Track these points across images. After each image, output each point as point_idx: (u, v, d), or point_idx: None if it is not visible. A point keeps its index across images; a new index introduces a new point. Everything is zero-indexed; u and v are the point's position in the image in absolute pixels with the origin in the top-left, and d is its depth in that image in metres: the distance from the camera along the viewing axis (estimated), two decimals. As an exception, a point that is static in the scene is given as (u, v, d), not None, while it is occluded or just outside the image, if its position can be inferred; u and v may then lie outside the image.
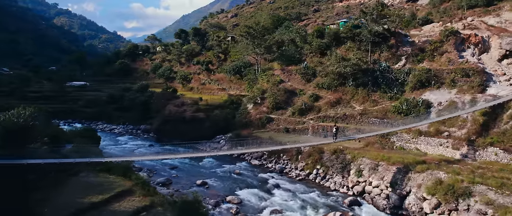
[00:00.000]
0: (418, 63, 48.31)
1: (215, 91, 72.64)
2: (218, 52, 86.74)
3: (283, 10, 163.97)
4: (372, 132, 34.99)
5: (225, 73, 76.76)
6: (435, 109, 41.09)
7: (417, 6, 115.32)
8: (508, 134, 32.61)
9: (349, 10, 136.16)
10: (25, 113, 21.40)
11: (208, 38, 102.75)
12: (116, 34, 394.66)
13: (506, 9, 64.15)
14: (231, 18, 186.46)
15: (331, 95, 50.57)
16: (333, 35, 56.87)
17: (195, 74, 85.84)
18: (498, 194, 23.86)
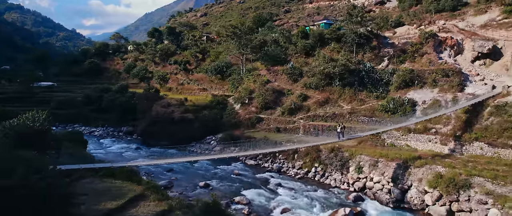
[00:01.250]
0: (400, 64, 51.00)
1: (196, 91, 71.77)
2: (196, 51, 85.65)
3: (253, 10, 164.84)
4: (371, 130, 36.31)
5: (204, 73, 76.14)
6: (420, 107, 43.65)
7: (384, 8, 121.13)
8: (489, 130, 35.46)
9: (320, 11, 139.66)
10: (40, 116, 20.12)
11: (183, 37, 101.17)
12: (75, 32, 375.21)
13: (470, 14, 69.28)
14: (200, 17, 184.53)
15: (319, 94, 51.94)
16: (318, 36, 58.37)
17: (172, 74, 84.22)
18: (495, 184, 26.01)
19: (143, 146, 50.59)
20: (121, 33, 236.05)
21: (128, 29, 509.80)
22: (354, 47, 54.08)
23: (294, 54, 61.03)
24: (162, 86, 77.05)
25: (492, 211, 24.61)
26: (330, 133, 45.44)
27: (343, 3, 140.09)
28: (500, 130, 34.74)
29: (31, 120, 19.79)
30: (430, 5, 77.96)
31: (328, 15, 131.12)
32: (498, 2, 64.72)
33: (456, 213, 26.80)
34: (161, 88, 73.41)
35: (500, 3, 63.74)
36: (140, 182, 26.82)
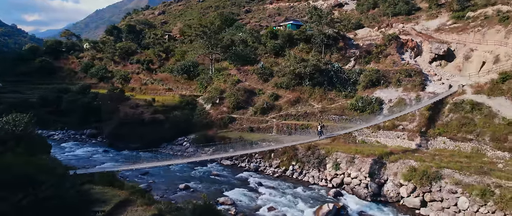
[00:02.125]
0: (366, 64, 53.58)
1: (161, 92, 69.75)
2: (159, 50, 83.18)
3: (214, 9, 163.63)
4: (348, 129, 37.72)
5: (169, 72, 74.35)
6: (386, 105, 46.20)
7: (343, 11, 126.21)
8: (450, 125, 38.56)
9: (281, 12, 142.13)
10: (22, 120, 18.52)
11: (144, 36, 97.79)
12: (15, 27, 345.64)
13: (423, 18, 74.65)
14: (158, 15, 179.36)
15: (290, 94, 52.95)
16: (287, 36, 59.44)
17: (134, 73, 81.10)
18: (462, 175, 28.37)
19: (111, 149, 48.21)
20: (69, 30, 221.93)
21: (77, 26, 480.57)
22: (323, 48, 55.83)
23: (263, 54, 61.62)
24: (124, 86, 73.92)
25: (462, 199, 26.84)
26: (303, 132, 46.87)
27: (303, 5, 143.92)
28: (459, 125, 37.91)
29: (12, 124, 18.13)
30: (387, 9, 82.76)
31: (289, 16, 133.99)
32: (447, 8, 70.52)
33: (429, 203, 28.87)
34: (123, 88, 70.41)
35: (449, 9, 69.50)
36: (122, 186, 25.62)
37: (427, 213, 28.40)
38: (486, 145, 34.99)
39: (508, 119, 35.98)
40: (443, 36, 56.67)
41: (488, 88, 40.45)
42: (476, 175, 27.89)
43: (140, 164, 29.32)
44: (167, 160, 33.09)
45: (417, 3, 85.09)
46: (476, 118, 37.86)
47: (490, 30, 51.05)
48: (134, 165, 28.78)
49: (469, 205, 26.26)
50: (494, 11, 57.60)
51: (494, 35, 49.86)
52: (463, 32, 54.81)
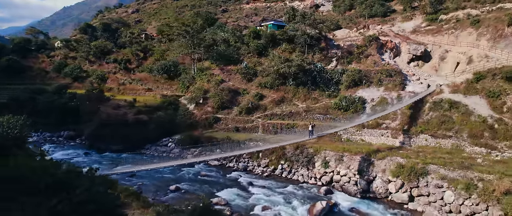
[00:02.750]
0: (348, 64, 54.90)
1: (141, 92, 68.13)
2: (137, 50, 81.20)
3: (189, 9, 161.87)
4: (337, 127, 38.44)
5: (148, 72, 72.83)
6: (369, 104, 47.57)
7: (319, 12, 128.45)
8: (430, 123, 40.33)
9: (258, 12, 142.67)
10: (17, 122, 17.53)
11: (120, 34, 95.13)
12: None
13: (398, 20, 77.45)
14: (132, 13, 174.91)
15: (274, 94, 53.33)
16: (270, 36, 59.80)
17: (111, 73, 78.74)
18: (447, 170, 29.76)
19: (92, 151, 46.60)
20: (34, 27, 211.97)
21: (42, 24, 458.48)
22: (306, 48, 56.65)
23: (246, 54, 61.66)
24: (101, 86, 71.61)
25: (447, 193, 28.18)
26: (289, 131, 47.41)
27: (279, 5, 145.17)
28: (439, 123, 39.75)
29: (7, 126, 17.11)
30: (363, 11, 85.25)
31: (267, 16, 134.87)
32: (421, 11, 73.56)
33: (416, 198, 30.10)
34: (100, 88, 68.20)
35: (423, 12, 72.55)
36: (116, 189, 24.90)
37: (415, 208, 29.59)
38: (464, 142, 36.91)
39: (483, 117, 38.13)
40: (419, 37, 59.11)
41: (464, 87, 42.61)
42: (460, 170, 29.35)
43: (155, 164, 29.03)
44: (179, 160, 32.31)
45: (392, 5, 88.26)
46: (454, 116, 39.81)
47: (462, 32, 53.80)
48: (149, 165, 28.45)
49: (455, 198, 27.61)
50: (465, 14, 60.73)
51: (466, 37, 52.59)
52: (438, 34, 57.41)
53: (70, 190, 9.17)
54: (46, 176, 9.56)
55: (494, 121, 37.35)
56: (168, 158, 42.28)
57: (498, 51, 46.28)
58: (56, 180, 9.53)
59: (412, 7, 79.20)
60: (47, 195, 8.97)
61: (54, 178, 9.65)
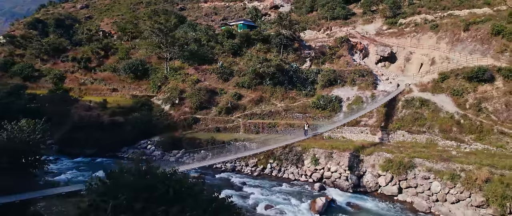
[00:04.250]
0: (322, 65, 56.84)
1: (106, 92, 64.41)
2: (98, 48, 76.47)
3: (144, 6, 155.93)
4: (329, 126, 39.41)
5: (112, 71, 69.17)
6: (345, 103, 49.75)
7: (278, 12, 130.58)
8: (405, 120, 43.34)
9: (217, 11, 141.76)
10: (37, 126, 15.85)
11: (75, 31, 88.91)
12: None
13: (360, 23, 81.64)
14: (80, 9, 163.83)
15: (252, 93, 53.57)
16: (245, 36, 59.84)
17: (68, 72, 73.38)
18: (431, 162, 32.26)
19: (62, 156, 43.17)
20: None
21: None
22: (281, 48, 57.62)
23: (221, 53, 61.08)
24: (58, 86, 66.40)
25: (434, 183, 30.60)
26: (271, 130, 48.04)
27: (239, 5, 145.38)
28: (412, 120, 42.87)
29: (28, 130, 15.42)
30: (326, 13, 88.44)
31: (227, 16, 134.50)
32: (381, 15, 78.31)
33: (404, 189, 32.27)
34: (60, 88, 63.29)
35: (382, 16, 77.30)
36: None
37: (404, 199, 31.73)
38: (436, 136, 40.22)
39: (450, 113, 41.84)
40: (384, 40, 62.99)
41: (431, 86, 46.38)
42: (442, 162, 31.96)
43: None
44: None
45: (352, 8, 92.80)
46: (425, 113, 43.20)
47: (424, 35, 58.43)
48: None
49: (441, 188, 30.07)
50: (422, 19, 65.98)
51: (427, 40, 57.22)
52: (401, 37, 61.68)
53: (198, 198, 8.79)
54: (176, 184, 9.14)
55: (460, 117, 41.15)
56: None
57: (456, 53, 51.04)
58: (182, 188, 9.15)
59: (371, 10, 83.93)
60: (173, 202, 8.51)
61: (180, 186, 9.23)
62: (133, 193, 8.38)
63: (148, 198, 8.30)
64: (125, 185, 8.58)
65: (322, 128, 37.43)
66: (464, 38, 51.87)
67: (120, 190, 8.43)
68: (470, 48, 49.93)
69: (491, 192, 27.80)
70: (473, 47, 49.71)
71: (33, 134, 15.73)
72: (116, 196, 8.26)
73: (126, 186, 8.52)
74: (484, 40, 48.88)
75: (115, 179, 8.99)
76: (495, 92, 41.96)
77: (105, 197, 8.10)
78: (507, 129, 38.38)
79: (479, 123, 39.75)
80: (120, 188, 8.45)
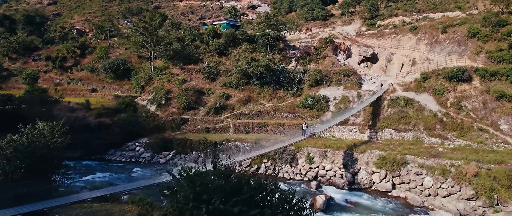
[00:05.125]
0: (307, 65, 57.69)
1: (85, 93, 62.04)
2: (73, 46, 73.29)
3: (117, 4, 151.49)
4: (325, 126, 39.82)
5: (90, 71, 66.77)
6: (332, 102, 50.82)
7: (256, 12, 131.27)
8: (391, 118, 44.94)
9: (194, 10, 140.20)
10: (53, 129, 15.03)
11: (46, 29, 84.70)
12: None
13: (339, 23, 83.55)
14: (48, 5, 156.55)
15: (240, 93, 53.51)
16: (231, 36, 59.56)
17: (42, 72, 69.94)
18: (423, 159, 33.72)
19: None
20: None
21: None
22: (268, 48, 57.91)
23: (206, 53, 60.45)
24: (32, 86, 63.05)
25: (427, 179, 32.05)
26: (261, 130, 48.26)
27: (215, 4, 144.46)
28: (398, 118, 44.54)
29: (49, 134, 14.59)
30: (305, 14, 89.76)
31: (204, 15, 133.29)
32: (359, 16, 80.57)
33: (398, 185, 33.54)
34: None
35: (361, 17, 79.56)
36: (133, 201, 22.78)
37: (398, 194, 32.95)
38: (422, 134, 42.03)
39: (433, 112, 43.86)
40: (365, 40, 64.91)
41: (414, 86, 48.39)
42: (433, 158, 33.52)
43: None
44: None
45: (330, 10, 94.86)
46: (410, 111, 45.01)
47: (403, 37, 60.79)
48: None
49: (433, 183, 31.55)
50: (400, 21, 68.61)
51: (407, 41, 59.61)
52: (382, 38, 63.83)
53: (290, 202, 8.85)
54: (261, 188, 9.05)
55: (442, 115, 43.22)
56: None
57: (435, 54, 53.56)
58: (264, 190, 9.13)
59: (349, 12, 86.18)
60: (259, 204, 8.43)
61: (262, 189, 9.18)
62: (224, 197, 8.25)
63: (236, 201, 8.20)
64: (216, 188, 8.41)
65: (318, 128, 37.91)
66: (442, 40, 54.54)
67: (211, 194, 8.27)
68: (448, 50, 52.58)
69: (480, 185, 29.52)
70: (451, 48, 52.39)
71: (53, 138, 14.91)
72: (209, 200, 8.07)
73: (217, 190, 8.35)
74: (461, 42, 51.67)
75: (203, 182, 8.79)
76: (473, 91, 44.42)
77: (193, 202, 7.89)
78: (485, 126, 40.77)
79: (460, 120, 41.93)
80: (211, 192, 8.29)
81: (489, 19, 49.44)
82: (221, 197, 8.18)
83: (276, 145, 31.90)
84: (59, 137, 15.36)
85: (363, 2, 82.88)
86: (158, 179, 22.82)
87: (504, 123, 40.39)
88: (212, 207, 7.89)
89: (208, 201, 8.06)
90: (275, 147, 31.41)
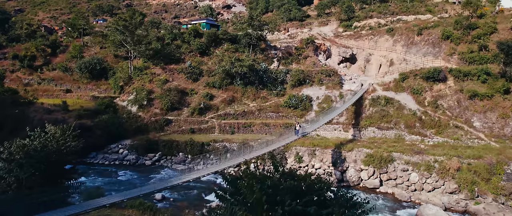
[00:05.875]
0: (289, 65, 58.32)
1: (58, 94, 59.23)
2: (43, 44, 69.62)
3: (87, 1, 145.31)
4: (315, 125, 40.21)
5: (63, 71, 63.88)
6: (315, 102, 51.72)
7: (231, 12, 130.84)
8: (373, 117, 46.43)
9: (167, 9, 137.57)
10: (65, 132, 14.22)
11: (11, 25, 79.89)
12: None
13: (315, 24, 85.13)
14: (8, 0, 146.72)
15: (224, 93, 53.20)
16: (213, 35, 59.00)
17: (8, 71, 65.90)
18: (408, 156, 35.20)
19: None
20: None
21: None
22: (251, 48, 57.93)
23: (188, 53, 59.49)
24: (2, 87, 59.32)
25: (413, 174, 33.50)
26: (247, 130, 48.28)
27: (189, 3, 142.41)
28: (380, 117, 46.11)
29: (62, 138, 13.77)
30: (282, 14, 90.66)
31: (178, 14, 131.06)
32: (336, 17, 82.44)
33: (385, 182, 34.79)
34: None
35: (337, 18, 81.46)
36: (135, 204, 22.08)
37: (386, 190, 34.18)
38: (403, 132, 43.78)
39: (412, 110, 45.79)
40: (343, 41, 66.60)
41: (393, 86, 50.31)
42: (417, 155, 35.08)
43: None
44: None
45: (306, 10, 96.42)
46: (390, 110, 46.73)
47: (380, 38, 62.97)
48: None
49: (419, 178, 33.03)
50: (376, 23, 71.00)
51: (384, 43, 61.80)
52: (359, 39, 65.75)
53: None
54: (327, 188, 9.08)
55: (421, 114, 45.24)
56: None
57: (412, 55, 55.96)
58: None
59: (326, 13, 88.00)
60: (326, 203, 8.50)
61: (327, 189, 9.24)
62: (295, 197, 8.20)
63: (307, 202, 8.19)
64: (287, 189, 8.32)
65: (310, 128, 38.35)
66: (418, 42, 57.08)
67: (283, 195, 8.17)
68: (423, 51, 55.11)
69: (462, 179, 31.32)
70: (426, 49, 54.95)
71: (66, 141, 14.07)
72: (282, 201, 7.96)
73: (287, 190, 8.27)
74: (435, 43, 54.34)
75: (275, 183, 8.68)
76: (448, 90, 46.85)
77: (267, 204, 7.77)
78: (460, 124, 43.14)
79: (437, 118, 44.08)
80: (283, 193, 8.19)
81: (461, 22, 52.38)
82: (291, 197, 8.18)
83: (274, 145, 32.12)
84: (72, 141, 14.53)
85: (339, 4, 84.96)
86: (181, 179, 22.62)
87: (477, 121, 42.92)
88: (288, 208, 7.87)
89: (282, 202, 8.03)
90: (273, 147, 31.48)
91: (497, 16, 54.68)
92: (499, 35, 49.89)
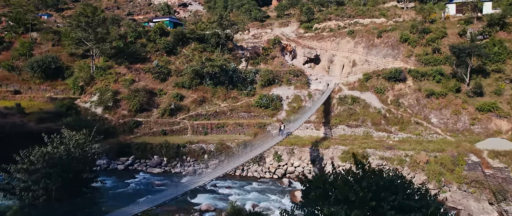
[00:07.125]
0: (257, 65, 58.77)
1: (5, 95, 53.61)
2: (-16, 41, 62.69)
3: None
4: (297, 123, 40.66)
5: (8, 70, 58.05)
6: (285, 101, 52.77)
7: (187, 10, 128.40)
8: (342, 116, 48.65)
9: (119, 5, 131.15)
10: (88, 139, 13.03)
11: None
12: None
13: (276, 25, 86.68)
14: None
15: (194, 93, 52.19)
16: (180, 34, 57.38)
17: None
18: (381, 151, 37.48)
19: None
20: None
21: None
22: (219, 48, 57.36)
23: (154, 52, 57.23)
24: None
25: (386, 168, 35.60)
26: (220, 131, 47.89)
27: (143, 0, 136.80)
28: (348, 115, 48.44)
29: (83, 145, 12.55)
30: (242, 14, 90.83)
31: (132, 10, 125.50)
32: (296, 18, 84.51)
33: (361, 177, 36.56)
34: None
35: (298, 20, 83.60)
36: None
37: (362, 185, 35.96)
38: (370, 129, 46.41)
39: (377, 109, 48.72)
40: (306, 42, 68.62)
41: (358, 85, 53.06)
42: (389, 151, 37.48)
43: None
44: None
45: (266, 11, 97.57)
46: (357, 109, 49.28)
47: (342, 40, 65.92)
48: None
49: (392, 172, 35.23)
50: (335, 25, 74.10)
51: (346, 44, 64.80)
52: (322, 40, 68.20)
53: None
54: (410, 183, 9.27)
55: (385, 112, 48.31)
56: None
57: (373, 56, 59.41)
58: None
59: (286, 14, 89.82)
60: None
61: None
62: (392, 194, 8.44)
63: (383, 198, 8.46)
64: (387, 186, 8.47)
65: (292, 127, 38.81)
66: (378, 44, 60.74)
67: (382, 192, 8.37)
68: (383, 53, 58.79)
69: (430, 171, 34.14)
70: (386, 51, 58.68)
71: (91, 148, 12.78)
72: (385, 197, 8.14)
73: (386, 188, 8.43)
74: (394, 46, 58.25)
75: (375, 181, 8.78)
76: (408, 89, 50.56)
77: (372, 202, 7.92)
78: (420, 120, 46.81)
79: (400, 116, 47.39)
80: (383, 190, 8.36)
81: (416, 26, 56.77)
82: (388, 194, 8.49)
83: (267, 145, 32.25)
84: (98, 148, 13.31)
85: (298, 6, 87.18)
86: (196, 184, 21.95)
87: (434, 117, 46.88)
88: (395, 203, 8.19)
89: (384, 199, 8.30)
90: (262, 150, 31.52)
91: (445, 21, 60.05)
92: (449, 39, 54.87)
